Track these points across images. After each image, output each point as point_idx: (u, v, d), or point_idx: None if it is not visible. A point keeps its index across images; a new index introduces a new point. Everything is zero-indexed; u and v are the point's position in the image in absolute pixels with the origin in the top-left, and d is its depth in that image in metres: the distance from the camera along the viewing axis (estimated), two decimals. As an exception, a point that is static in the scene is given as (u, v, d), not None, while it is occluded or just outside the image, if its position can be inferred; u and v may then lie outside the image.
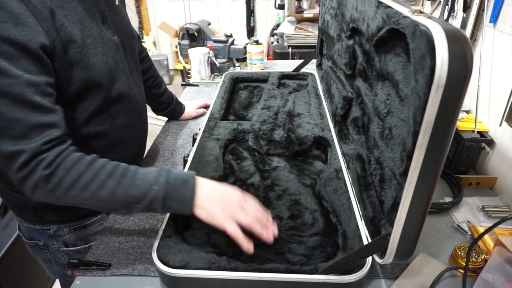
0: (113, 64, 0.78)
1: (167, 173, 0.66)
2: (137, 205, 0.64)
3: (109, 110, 0.80)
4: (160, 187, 0.64)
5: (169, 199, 0.64)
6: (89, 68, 0.71)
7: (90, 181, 0.62)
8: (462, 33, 0.44)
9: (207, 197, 0.66)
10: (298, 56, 2.28)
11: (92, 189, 0.62)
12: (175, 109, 1.25)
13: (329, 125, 1.09)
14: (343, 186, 0.83)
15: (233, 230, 0.64)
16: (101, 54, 0.74)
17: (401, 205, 0.53)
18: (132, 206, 0.64)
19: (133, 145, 0.92)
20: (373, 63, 0.76)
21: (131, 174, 0.64)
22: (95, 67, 0.72)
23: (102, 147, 0.82)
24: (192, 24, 1.82)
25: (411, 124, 0.52)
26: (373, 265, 0.71)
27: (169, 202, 0.64)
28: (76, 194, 0.61)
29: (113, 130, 0.83)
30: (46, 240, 0.89)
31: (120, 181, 0.63)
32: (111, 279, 0.69)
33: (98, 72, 0.73)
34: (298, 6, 3.12)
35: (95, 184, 0.62)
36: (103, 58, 0.74)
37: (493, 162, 1.02)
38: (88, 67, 0.70)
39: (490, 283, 0.58)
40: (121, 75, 0.81)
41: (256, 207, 0.69)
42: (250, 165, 0.98)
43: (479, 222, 0.84)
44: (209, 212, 0.65)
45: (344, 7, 1.00)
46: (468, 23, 1.12)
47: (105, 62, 0.74)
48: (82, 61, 0.69)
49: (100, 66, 0.73)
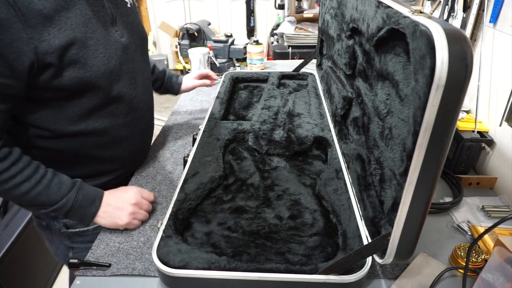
0: (116, 65, 0.79)
1: (78, 189, 0.75)
2: (42, 209, 0.73)
3: (108, 108, 0.82)
4: (68, 201, 0.74)
5: (72, 213, 0.75)
6: (86, 69, 0.73)
7: (7, 180, 0.68)
8: (462, 33, 0.44)
9: (105, 212, 0.78)
10: (298, 56, 2.28)
11: (6, 187, 0.69)
12: (171, 81, 1.24)
13: (329, 125, 1.09)
14: (343, 186, 0.83)
15: (134, 225, 0.80)
16: (103, 55, 0.75)
17: (401, 205, 0.53)
18: (38, 209, 0.74)
19: (133, 143, 0.92)
20: (373, 63, 0.76)
21: (45, 182, 0.72)
22: (93, 69, 0.74)
23: (100, 143, 0.84)
24: (192, 24, 1.82)
25: (411, 124, 0.52)
26: (373, 265, 0.71)
27: (71, 214, 0.75)
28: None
29: (111, 128, 0.84)
30: (48, 220, 0.91)
31: (34, 187, 0.71)
32: (111, 279, 0.69)
33: (96, 74, 0.74)
34: (298, 6, 3.12)
35: (10, 183, 0.69)
36: (103, 60, 0.75)
37: (493, 162, 1.02)
38: (85, 68, 0.72)
39: (490, 283, 0.58)
40: (125, 76, 0.83)
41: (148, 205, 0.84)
42: (250, 165, 0.98)
43: (479, 222, 0.84)
44: (106, 222, 0.78)
45: (344, 7, 1.00)
46: (468, 23, 1.12)
47: (106, 63, 0.76)
48: (80, 62, 0.71)
49: (99, 68, 0.75)
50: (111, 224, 0.79)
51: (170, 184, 0.96)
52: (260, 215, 0.79)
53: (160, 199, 0.90)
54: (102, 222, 0.79)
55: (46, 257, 1.74)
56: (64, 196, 0.73)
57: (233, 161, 0.99)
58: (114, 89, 0.80)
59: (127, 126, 0.88)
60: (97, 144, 0.84)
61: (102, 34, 0.76)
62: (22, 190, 0.70)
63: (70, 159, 0.83)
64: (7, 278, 1.42)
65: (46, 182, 0.72)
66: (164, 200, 0.89)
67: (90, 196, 0.77)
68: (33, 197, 0.71)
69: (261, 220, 0.78)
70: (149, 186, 0.94)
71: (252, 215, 0.79)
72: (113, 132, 0.85)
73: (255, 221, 0.78)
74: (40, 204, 0.73)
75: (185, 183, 0.84)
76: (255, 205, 0.82)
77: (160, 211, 0.86)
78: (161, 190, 0.93)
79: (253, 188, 0.88)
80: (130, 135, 0.90)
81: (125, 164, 0.95)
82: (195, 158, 0.94)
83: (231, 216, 0.79)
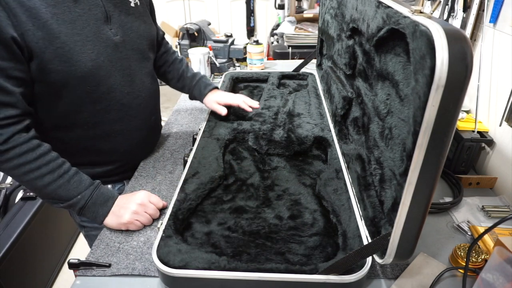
0: (106, 62, 0.82)
1: (94, 188, 0.80)
2: (60, 203, 0.78)
3: (100, 104, 0.85)
4: (83, 198, 0.78)
5: (86, 210, 0.79)
6: (72, 63, 0.76)
7: (33, 170, 0.73)
8: (462, 33, 0.44)
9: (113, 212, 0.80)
10: (298, 56, 2.28)
11: (31, 177, 0.74)
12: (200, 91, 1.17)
13: (329, 125, 1.09)
14: (343, 186, 0.83)
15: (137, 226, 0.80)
16: (90, 52, 0.78)
17: (401, 205, 0.53)
18: (55, 202, 0.78)
19: (129, 137, 0.96)
20: (373, 63, 0.76)
21: (67, 177, 0.77)
22: (78, 63, 0.77)
23: (95, 136, 0.89)
24: (192, 24, 1.81)
25: (411, 124, 0.52)
26: (373, 265, 0.71)
27: (84, 211, 0.79)
28: (17, 174, 0.74)
29: (103, 122, 0.88)
30: None
31: (56, 180, 0.76)
32: (111, 279, 0.69)
33: (82, 68, 0.78)
34: (298, 6, 3.12)
35: (35, 174, 0.74)
36: (91, 56, 0.79)
37: (493, 162, 1.02)
38: (70, 62, 0.76)
39: (490, 283, 0.58)
40: (116, 73, 0.85)
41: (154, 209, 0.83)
42: (250, 165, 0.98)
43: (479, 222, 0.84)
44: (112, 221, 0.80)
45: (344, 7, 1.00)
46: (468, 23, 1.12)
47: (93, 59, 0.79)
48: (65, 56, 0.75)
49: (85, 63, 0.78)
50: (115, 223, 0.79)
51: (170, 184, 0.96)
52: (260, 215, 0.79)
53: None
54: (109, 222, 0.80)
55: (46, 257, 1.74)
56: (81, 192, 0.78)
57: (233, 161, 0.99)
58: (104, 85, 0.83)
59: (120, 121, 0.91)
60: (92, 136, 0.89)
61: (92, 31, 0.79)
62: (45, 182, 0.75)
63: (68, 148, 0.86)
64: (7, 278, 1.42)
65: (68, 177, 0.77)
66: (164, 200, 0.89)
67: (105, 196, 0.81)
68: (53, 190, 0.76)
69: (261, 220, 0.78)
70: (149, 186, 0.94)
71: (252, 215, 0.79)
72: (106, 126, 0.89)
73: (255, 221, 0.78)
74: (58, 197, 0.77)
75: (185, 183, 0.84)
76: (255, 205, 0.82)
77: (160, 211, 0.86)
78: (161, 190, 0.93)
79: (253, 188, 0.88)
80: (126, 130, 0.93)
81: (123, 157, 0.98)
82: (195, 158, 0.94)
83: (231, 216, 0.79)
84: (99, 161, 0.95)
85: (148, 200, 0.83)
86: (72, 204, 0.78)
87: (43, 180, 0.74)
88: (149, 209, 0.82)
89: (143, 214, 0.80)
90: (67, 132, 0.86)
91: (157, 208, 0.84)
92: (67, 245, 1.96)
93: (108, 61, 0.82)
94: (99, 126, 0.88)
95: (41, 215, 1.64)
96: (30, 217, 1.57)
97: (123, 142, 0.94)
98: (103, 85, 0.83)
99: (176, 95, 1.28)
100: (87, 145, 0.90)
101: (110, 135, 0.91)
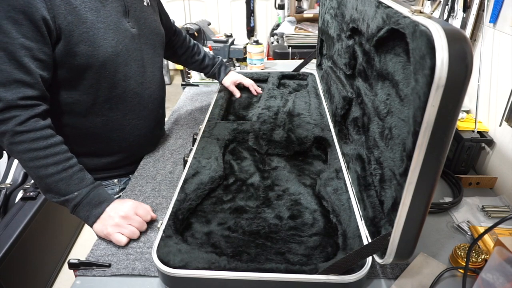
0: (123, 51, 0.88)
1: (93, 188, 0.80)
2: (56, 196, 0.78)
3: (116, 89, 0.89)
4: (79, 195, 0.78)
5: (80, 208, 0.78)
6: (95, 47, 0.81)
7: (39, 158, 0.75)
8: (462, 33, 0.44)
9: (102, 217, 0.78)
10: (298, 56, 2.28)
11: (36, 164, 0.75)
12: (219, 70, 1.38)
13: (329, 125, 1.09)
14: (343, 186, 0.83)
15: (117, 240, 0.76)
16: (111, 39, 0.84)
17: (401, 205, 0.53)
18: (52, 194, 0.78)
19: (139, 127, 0.99)
20: (373, 63, 0.76)
21: (70, 172, 0.78)
22: (101, 48, 0.82)
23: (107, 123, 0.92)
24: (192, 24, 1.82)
25: (411, 124, 0.52)
26: (373, 265, 0.71)
27: (78, 209, 0.78)
28: (24, 158, 0.75)
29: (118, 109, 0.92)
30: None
31: (59, 173, 0.77)
32: (111, 279, 0.69)
33: (104, 53, 0.83)
34: (298, 6, 3.12)
35: (41, 162, 0.75)
36: (112, 43, 0.84)
37: (493, 162, 1.02)
38: (94, 46, 0.81)
39: (490, 283, 0.58)
40: (132, 62, 0.91)
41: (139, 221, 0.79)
42: (250, 165, 0.98)
43: (479, 222, 0.84)
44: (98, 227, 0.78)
45: (344, 7, 1.00)
46: (468, 23, 1.12)
47: (114, 46, 0.85)
48: (89, 40, 0.80)
49: (106, 48, 0.83)
50: (101, 233, 0.77)
51: (170, 184, 0.96)
52: (260, 215, 0.79)
53: (160, 199, 0.90)
54: (96, 228, 0.78)
55: (46, 257, 1.74)
56: (79, 189, 0.78)
57: (233, 161, 0.99)
58: (120, 72, 0.88)
59: (132, 111, 0.95)
60: (104, 123, 0.92)
61: (114, 21, 0.85)
62: (48, 172, 0.76)
63: (80, 134, 0.91)
64: (7, 278, 1.42)
65: (71, 172, 0.78)
66: (164, 200, 0.89)
67: (101, 197, 0.80)
68: (54, 182, 0.77)
69: (261, 220, 0.78)
70: (149, 186, 0.94)
71: (252, 215, 0.79)
72: (119, 114, 0.93)
73: (255, 221, 0.78)
74: (56, 190, 0.78)
75: (185, 183, 0.84)
76: (255, 205, 0.82)
77: (160, 211, 0.86)
78: (161, 190, 0.93)
79: (253, 188, 0.88)
80: (136, 120, 0.97)
81: (130, 148, 1.01)
82: (195, 158, 0.94)
83: (231, 216, 0.79)
84: (107, 150, 0.97)
85: (134, 212, 0.78)
86: (68, 200, 0.78)
87: (47, 170, 0.76)
88: (134, 221, 0.77)
89: (127, 227, 0.76)
90: (81, 119, 0.89)
91: (145, 221, 0.79)
92: (67, 245, 1.96)
93: (126, 50, 0.88)
94: (113, 114, 0.92)
95: (41, 215, 1.64)
96: (30, 217, 1.57)
97: (132, 132, 0.98)
98: (120, 72, 0.88)
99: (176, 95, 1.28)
100: (98, 133, 0.93)
101: (122, 124, 0.95)
